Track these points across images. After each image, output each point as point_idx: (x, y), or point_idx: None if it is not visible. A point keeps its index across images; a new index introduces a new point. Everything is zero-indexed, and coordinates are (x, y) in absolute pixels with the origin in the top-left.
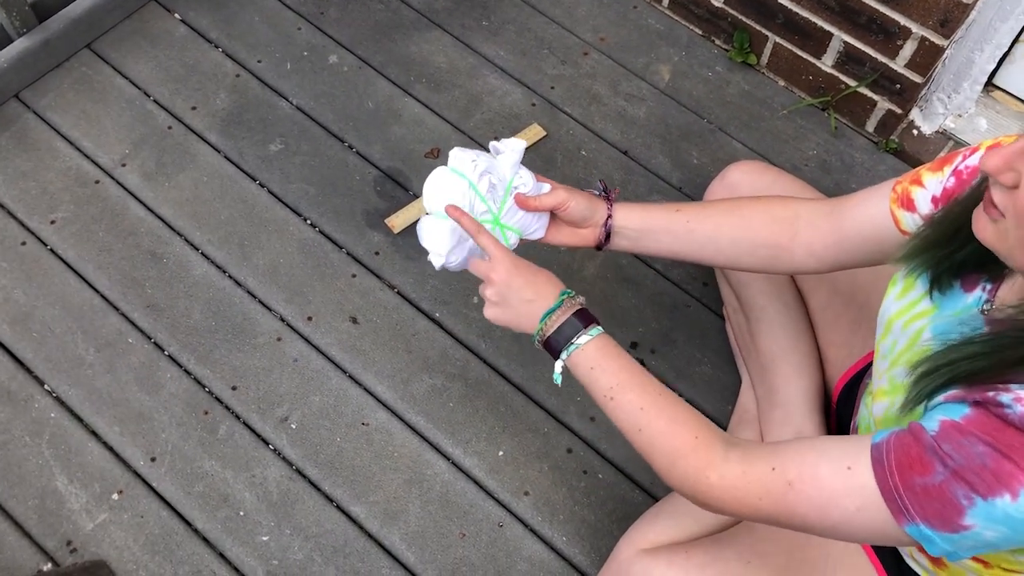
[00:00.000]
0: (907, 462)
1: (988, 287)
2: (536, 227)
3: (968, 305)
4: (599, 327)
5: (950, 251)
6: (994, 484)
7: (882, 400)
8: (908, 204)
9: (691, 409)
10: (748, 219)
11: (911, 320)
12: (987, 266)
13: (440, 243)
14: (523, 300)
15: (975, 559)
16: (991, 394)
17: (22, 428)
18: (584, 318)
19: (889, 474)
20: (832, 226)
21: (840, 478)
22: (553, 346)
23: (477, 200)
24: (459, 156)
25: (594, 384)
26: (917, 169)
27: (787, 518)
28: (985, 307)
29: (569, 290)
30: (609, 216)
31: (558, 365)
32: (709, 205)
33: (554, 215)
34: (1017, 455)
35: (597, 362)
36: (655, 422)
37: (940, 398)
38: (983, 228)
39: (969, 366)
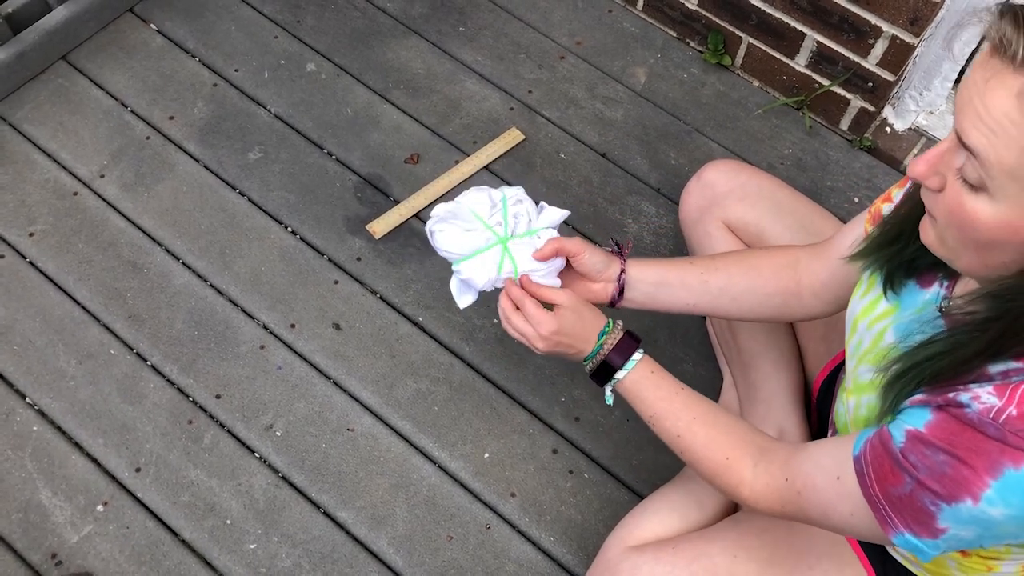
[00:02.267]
0: (882, 475)
1: (946, 283)
2: (545, 271)
3: (927, 302)
4: (635, 358)
5: (897, 249)
6: (955, 490)
7: (851, 399)
8: (879, 220)
9: (726, 428)
10: (758, 268)
11: (874, 320)
12: (941, 263)
13: (482, 274)
14: (568, 355)
15: None
16: (952, 395)
17: (4, 442)
18: (623, 351)
19: (871, 486)
20: (823, 264)
21: (833, 488)
22: (600, 380)
23: (500, 211)
24: (508, 188)
25: (638, 412)
26: (889, 189)
27: (805, 519)
28: (943, 304)
29: (606, 327)
30: (622, 271)
31: (607, 392)
32: (719, 257)
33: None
34: (975, 459)
35: (635, 395)
36: (691, 447)
37: (907, 402)
38: (926, 234)
39: (931, 367)
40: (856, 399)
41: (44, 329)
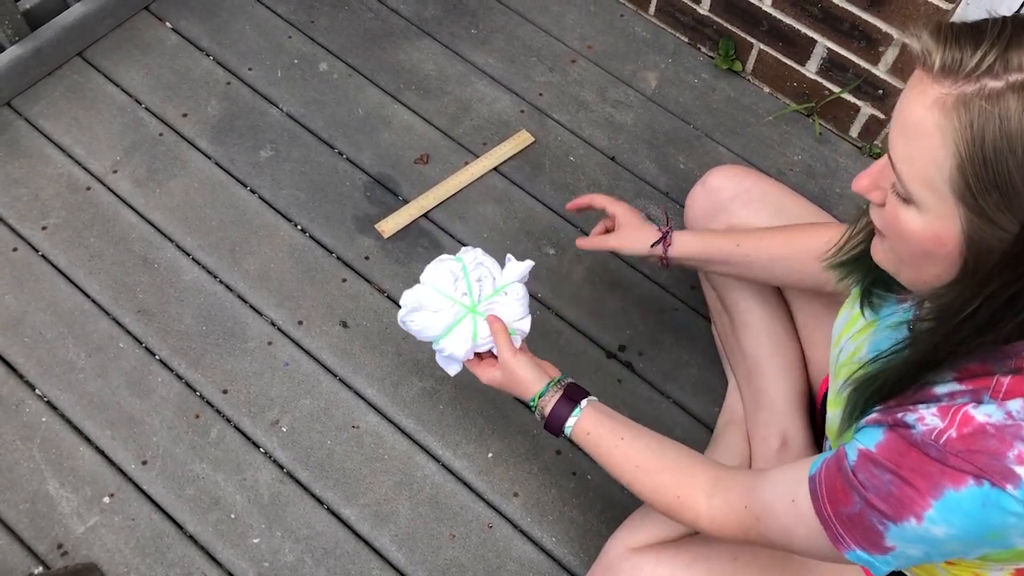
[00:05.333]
0: (833, 494)
1: (917, 299)
2: (521, 315)
3: (901, 318)
4: (568, 424)
5: (869, 261)
6: (900, 510)
7: (831, 411)
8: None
9: (673, 469)
10: (800, 252)
11: (855, 335)
12: None
13: (459, 344)
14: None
15: None
16: (900, 415)
17: (13, 432)
18: (560, 414)
19: (823, 506)
20: None
21: (788, 512)
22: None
23: (462, 281)
24: (467, 251)
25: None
26: None
27: (769, 544)
28: (913, 321)
29: (536, 395)
30: (666, 249)
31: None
32: (766, 237)
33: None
34: (918, 480)
35: (583, 447)
36: (641, 492)
37: (863, 421)
38: (875, 251)
39: (877, 383)
40: (833, 411)
41: (54, 322)
